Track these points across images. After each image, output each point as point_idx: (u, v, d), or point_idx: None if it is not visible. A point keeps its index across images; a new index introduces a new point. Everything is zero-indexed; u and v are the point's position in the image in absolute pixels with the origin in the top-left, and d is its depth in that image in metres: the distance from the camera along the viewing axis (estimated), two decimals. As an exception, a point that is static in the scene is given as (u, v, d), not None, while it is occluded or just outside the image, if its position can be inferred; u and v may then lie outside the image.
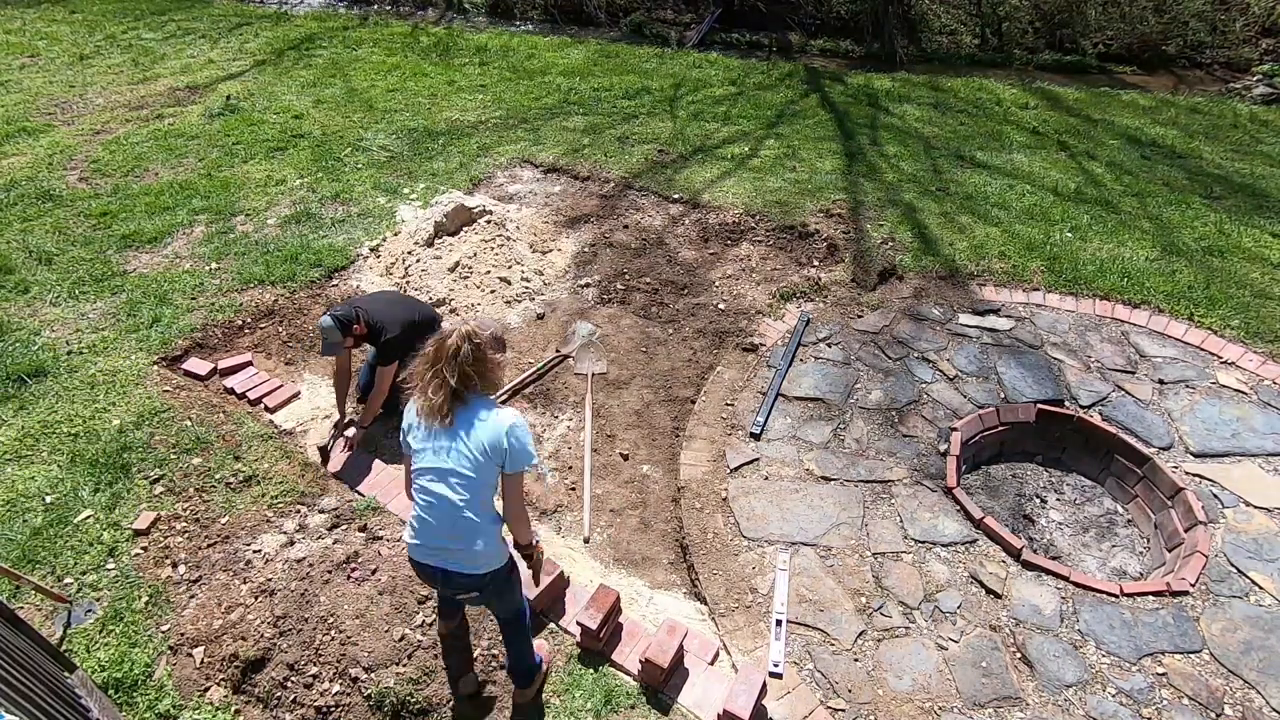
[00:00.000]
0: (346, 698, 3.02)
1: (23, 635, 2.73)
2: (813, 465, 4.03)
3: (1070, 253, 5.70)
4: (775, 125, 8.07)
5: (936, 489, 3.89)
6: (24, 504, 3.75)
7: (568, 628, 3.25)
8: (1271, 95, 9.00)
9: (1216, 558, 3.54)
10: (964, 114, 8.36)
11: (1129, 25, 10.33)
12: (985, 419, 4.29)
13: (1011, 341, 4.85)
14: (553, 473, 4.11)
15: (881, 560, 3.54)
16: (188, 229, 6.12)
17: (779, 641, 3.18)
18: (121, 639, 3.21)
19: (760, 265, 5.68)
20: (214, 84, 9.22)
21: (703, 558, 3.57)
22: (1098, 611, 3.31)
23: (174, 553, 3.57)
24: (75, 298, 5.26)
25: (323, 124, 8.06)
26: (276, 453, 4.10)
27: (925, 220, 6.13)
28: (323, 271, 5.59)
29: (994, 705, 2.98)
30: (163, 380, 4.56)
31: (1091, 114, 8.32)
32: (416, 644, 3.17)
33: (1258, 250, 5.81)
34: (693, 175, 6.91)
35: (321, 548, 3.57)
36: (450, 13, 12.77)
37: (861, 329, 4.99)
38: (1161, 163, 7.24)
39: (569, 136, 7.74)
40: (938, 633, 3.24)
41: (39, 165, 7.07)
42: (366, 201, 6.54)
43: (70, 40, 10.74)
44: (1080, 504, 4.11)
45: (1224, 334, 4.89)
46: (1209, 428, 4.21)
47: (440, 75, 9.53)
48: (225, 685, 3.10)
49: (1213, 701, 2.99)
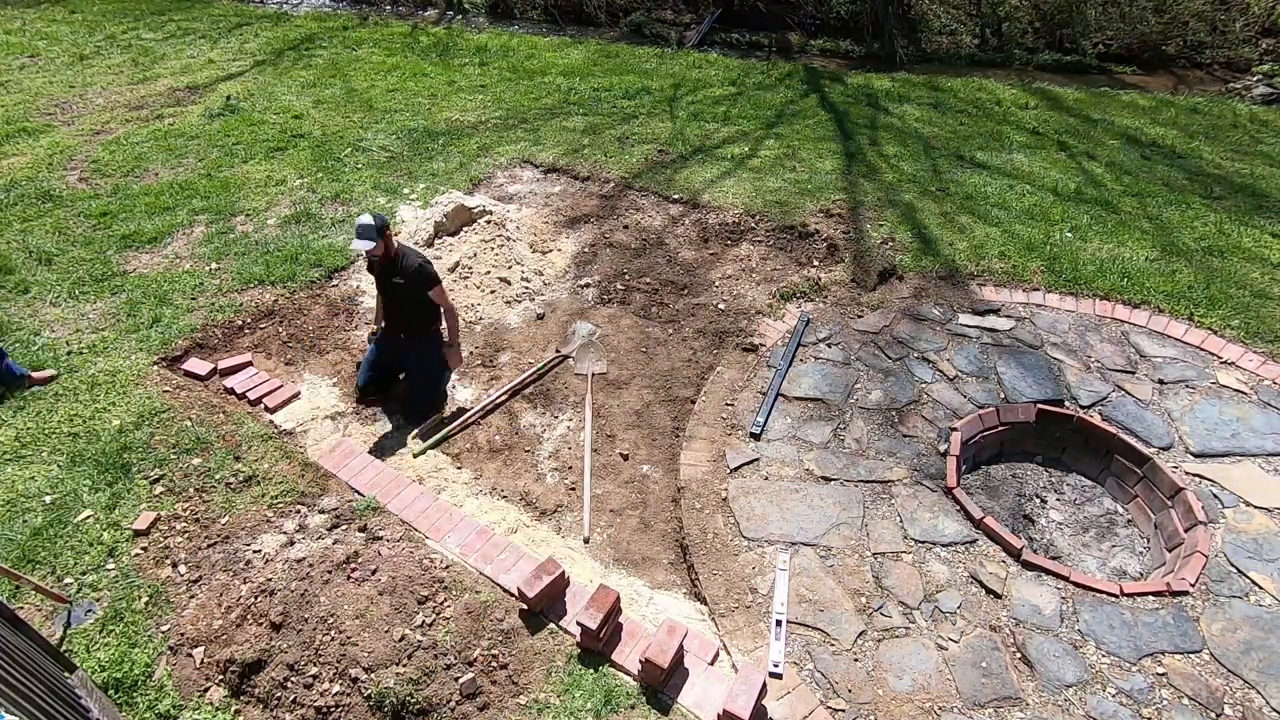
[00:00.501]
0: (346, 698, 3.02)
1: (23, 635, 2.73)
2: (813, 465, 4.03)
3: (1070, 253, 5.70)
4: (775, 125, 8.07)
5: (936, 489, 3.89)
6: (24, 504, 3.75)
7: (568, 628, 3.25)
8: (1271, 95, 9.01)
9: (1216, 558, 3.54)
10: (964, 114, 8.36)
11: (1129, 25, 10.33)
12: (985, 419, 4.29)
13: (1011, 341, 4.85)
14: (553, 472, 4.12)
15: (881, 560, 3.54)
16: (188, 229, 6.12)
17: (779, 641, 3.18)
18: (121, 639, 3.21)
19: (760, 265, 5.68)
20: (214, 84, 9.22)
21: (703, 558, 3.57)
22: (1098, 611, 3.31)
23: (174, 553, 3.57)
24: (75, 298, 5.26)
25: (323, 124, 8.06)
26: (276, 453, 4.10)
27: (925, 220, 6.13)
28: (323, 271, 5.59)
29: (994, 705, 2.98)
30: (163, 380, 4.56)
31: (1091, 114, 8.32)
32: (416, 644, 3.17)
33: (1258, 250, 5.81)
34: (692, 175, 6.91)
35: (321, 548, 3.57)
36: (450, 13, 12.77)
37: (861, 329, 4.99)
38: (1161, 163, 7.24)
39: (569, 137, 7.74)
40: (938, 633, 3.24)
41: (39, 165, 7.07)
42: (366, 201, 6.54)
43: (70, 40, 10.74)
44: (1080, 504, 4.11)
45: (1224, 334, 4.89)
46: (1209, 428, 4.21)
47: (440, 75, 9.53)
48: (225, 686, 3.10)
49: (1213, 701, 2.99)
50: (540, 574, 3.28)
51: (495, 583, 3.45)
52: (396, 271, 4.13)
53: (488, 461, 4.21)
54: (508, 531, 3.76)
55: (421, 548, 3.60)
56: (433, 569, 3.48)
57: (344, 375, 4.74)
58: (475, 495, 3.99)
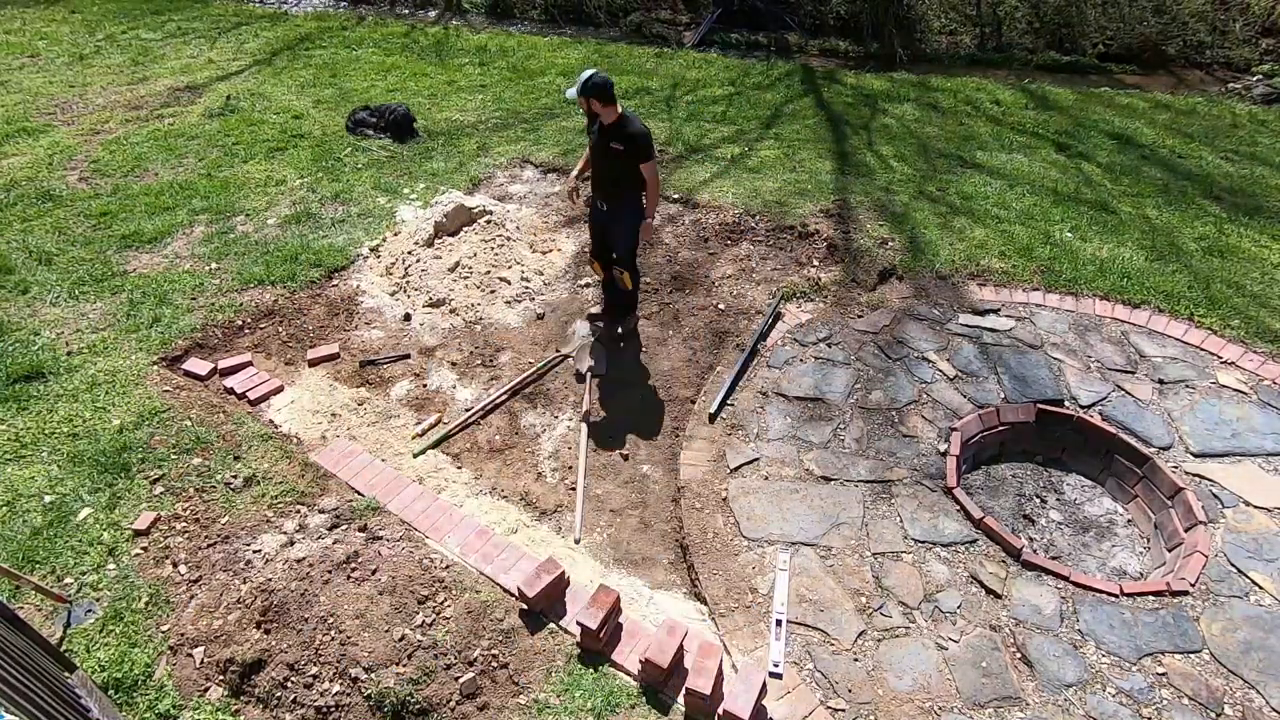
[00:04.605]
0: (346, 698, 3.03)
1: (23, 635, 2.73)
2: (813, 465, 4.04)
3: (1070, 253, 5.70)
4: (773, 125, 8.07)
5: (936, 489, 3.89)
6: (24, 504, 3.75)
7: (568, 628, 3.25)
8: (1271, 95, 9.01)
9: (1216, 558, 3.54)
10: (963, 114, 8.36)
11: (1128, 25, 10.34)
12: (985, 419, 4.29)
13: (1011, 341, 4.85)
14: (553, 472, 4.12)
15: (881, 560, 3.54)
16: (188, 229, 6.12)
17: (779, 641, 3.18)
18: (121, 639, 3.21)
19: (760, 265, 5.68)
20: (213, 84, 9.22)
21: (703, 558, 3.57)
22: (1098, 611, 3.32)
23: (174, 553, 3.57)
24: (75, 298, 5.26)
25: (323, 124, 8.06)
26: (276, 452, 4.10)
27: (924, 220, 6.13)
28: (323, 271, 5.59)
29: (994, 705, 2.98)
30: (163, 380, 4.56)
31: (1090, 115, 8.32)
32: (416, 644, 3.17)
33: (1257, 251, 5.81)
34: (691, 175, 6.91)
35: (321, 548, 3.57)
36: (449, 13, 12.77)
37: (861, 329, 4.99)
38: (1161, 163, 7.24)
39: (568, 136, 7.74)
40: (938, 633, 3.24)
41: (39, 165, 7.07)
42: (366, 201, 6.54)
43: (70, 40, 10.73)
44: (1080, 504, 4.11)
45: (1224, 334, 4.89)
46: (1209, 427, 4.21)
47: (439, 75, 9.53)
48: (225, 685, 3.10)
49: (1213, 701, 2.99)
50: (540, 574, 3.28)
51: (495, 582, 3.45)
52: (616, 136, 4.19)
53: (488, 461, 4.21)
54: (508, 531, 3.77)
55: (421, 548, 3.60)
56: (433, 569, 3.48)
57: (343, 375, 4.74)
58: (475, 495, 3.99)
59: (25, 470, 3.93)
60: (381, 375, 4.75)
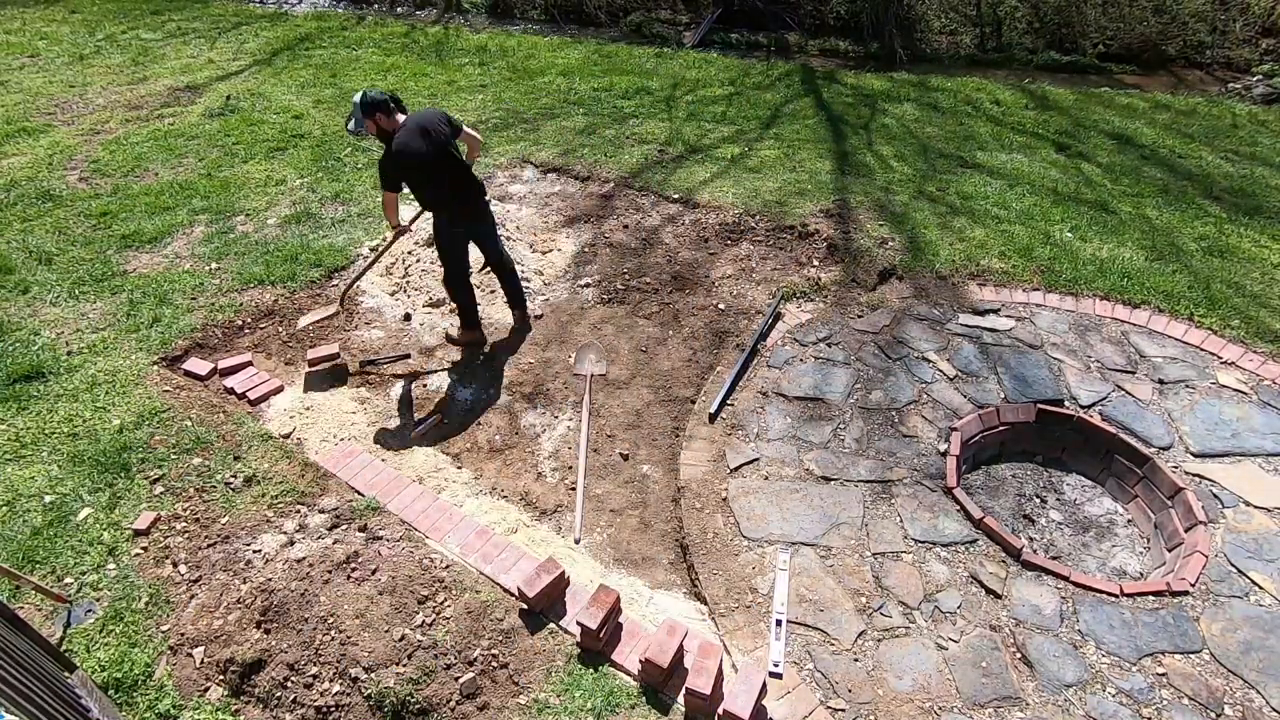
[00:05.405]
0: (346, 698, 3.03)
1: (23, 635, 2.73)
2: (813, 465, 4.04)
3: (1070, 253, 5.70)
4: (773, 125, 8.07)
5: (936, 489, 3.89)
6: (24, 504, 3.75)
7: (568, 627, 3.25)
8: (1271, 95, 9.01)
9: (1216, 558, 3.54)
10: (963, 115, 8.36)
11: (1128, 25, 10.34)
12: (985, 419, 4.29)
13: (1011, 341, 4.85)
14: (553, 472, 4.12)
15: (881, 560, 3.54)
16: (188, 229, 6.12)
17: (779, 641, 3.18)
18: (121, 639, 3.21)
19: (760, 265, 5.68)
20: (213, 84, 9.23)
21: (703, 558, 3.57)
22: (1098, 611, 3.32)
23: (174, 553, 3.57)
24: (75, 298, 5.26)
25: (323, 124, 8.06)
26: (276, 453, 4.10)
27: (924, 220, 6.13)
28: (323, 271, 5.59)
29: (994, 705, 2.98)
30: (163, 380, 4.56)
31: (1090, 115, 8.32)
32: (416, 644, 3.17)
33: (1257, 251, 5.81)
34: (691, 175, 6.91)
35: (321, 548, 3.57)
36: (449, 13, 12.77)
37: (861, 329, 4.99)
38: (1161, 163, 7.24)
39: (568, 136, 7.74)
40: (938, 633, 3.24)
41: (39, 165, 7.07)
42: (366, 201, 6.54)
43: (70, 40, 10.73)
44: (1080, 504, 4.11)
45: (1224, 334, 4.90)
46: (1209, 428, 4.21)
47: (439, 75, 9.53)
48: (225, 685, 3.10)
49: (1213, 701, 2.99)
50: (540, 574, 3.28)
51: (495, 582, 3.45)
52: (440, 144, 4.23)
53: (488, 461, 4.21)
54: (508, 531, 3.77)
55: (421, 548, 3.60)
56: (433, 569, 3.48)
57: (342, 374, 4.74)
58: (475, 495, 3.99)
59: (25, 470, 3.93)
60: (381, 375, 4.76)
